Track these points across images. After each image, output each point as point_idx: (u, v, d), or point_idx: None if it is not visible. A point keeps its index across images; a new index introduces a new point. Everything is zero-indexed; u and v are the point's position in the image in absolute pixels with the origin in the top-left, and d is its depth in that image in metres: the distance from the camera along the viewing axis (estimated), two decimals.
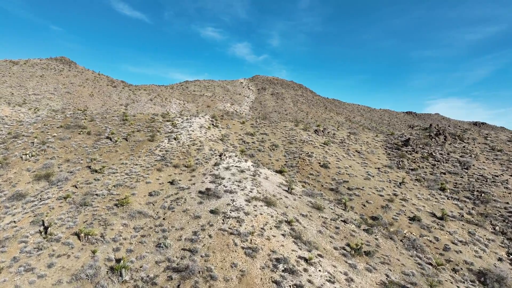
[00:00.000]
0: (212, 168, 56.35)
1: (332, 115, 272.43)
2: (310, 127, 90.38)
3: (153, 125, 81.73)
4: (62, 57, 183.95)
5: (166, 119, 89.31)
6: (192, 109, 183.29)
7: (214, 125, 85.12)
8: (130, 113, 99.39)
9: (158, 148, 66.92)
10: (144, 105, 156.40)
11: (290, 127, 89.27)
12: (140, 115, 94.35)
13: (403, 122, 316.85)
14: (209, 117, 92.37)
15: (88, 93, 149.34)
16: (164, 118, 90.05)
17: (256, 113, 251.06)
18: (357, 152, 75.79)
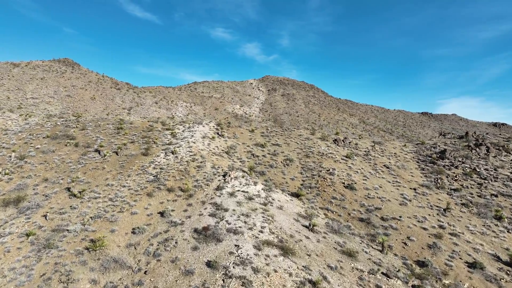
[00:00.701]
0: (213, 193, 45.11)
1: (345, 117, 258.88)
2: (328, 135, 78.49)
3: (150, 135, 70.98)
4: (66, 59, 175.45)
5: (166, 127, 78.55)
6: (199, 112, 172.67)
7: (220, 134, 73.91)
8: (128, 120, 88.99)
9: (152, 165, 56.03)
10: (148, 108, 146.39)
11: (306, 136, 77.55)
12: (138, 121, 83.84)
13: (418, 123, 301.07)
14: (214, 124, 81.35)
15: (90, 96, 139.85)
16: (164, 126, 79.31)
17: (267, 115, 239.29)
18: (385, 168, 63.68)
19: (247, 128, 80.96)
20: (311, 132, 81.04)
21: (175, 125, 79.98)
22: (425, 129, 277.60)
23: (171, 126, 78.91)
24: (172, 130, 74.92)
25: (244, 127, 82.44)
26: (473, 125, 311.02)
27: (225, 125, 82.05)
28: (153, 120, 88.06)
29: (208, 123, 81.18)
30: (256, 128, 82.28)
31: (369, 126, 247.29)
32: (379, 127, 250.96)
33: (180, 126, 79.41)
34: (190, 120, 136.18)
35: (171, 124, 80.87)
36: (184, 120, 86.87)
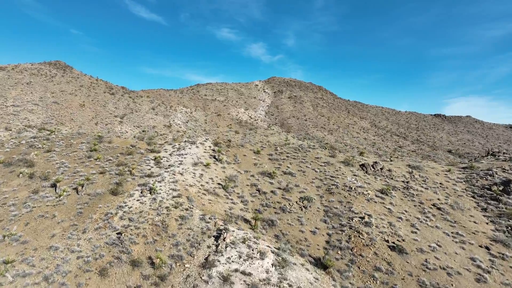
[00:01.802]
0: (198, 275, 28.60)
1: (356, 120, 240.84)
2: (353, 159, 61.30)
3: (128, 161, 54.61)
4: (57, 61, 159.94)
5: (152, 147, 62.11)
6: (200, 118, 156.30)
7: (217, 158, 57.31)
8: (107, 137, 72.84)
9: (121, 212, 39.68)
10: (144, 115, 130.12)
11: (325, 159, 60.58)
12: (118, 139, 67.43)
13: (431, 126, 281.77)
14: (211, 143, 64.77)
15: (79, 102, 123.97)
16: (149, 146, 62.88)
17: (273, 119, 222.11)
18: (436, 209, 46.70)
19: (251, 148, 64.11)
20: (330, 153, 63.93)
21: (163, 145, 63.54)
22: (439, 132, 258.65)
23: (157, 147, 62.42)
24: (157, 153, 58.46)
25: (248, 147, 65.62)
26: (489, 127, 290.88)
27: (224, 144, 65.31)
28: (139, 136, 71.86)
29: (203, 142, 64.63)
30: (263, 147, 65.38)
31: (381, 130, 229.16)
32: (391, 131, 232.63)
33: (169, 146, 62.87)
34: (189, 127, 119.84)
35: (157, 144, 64.36)
36: (175, 138, 70.37)
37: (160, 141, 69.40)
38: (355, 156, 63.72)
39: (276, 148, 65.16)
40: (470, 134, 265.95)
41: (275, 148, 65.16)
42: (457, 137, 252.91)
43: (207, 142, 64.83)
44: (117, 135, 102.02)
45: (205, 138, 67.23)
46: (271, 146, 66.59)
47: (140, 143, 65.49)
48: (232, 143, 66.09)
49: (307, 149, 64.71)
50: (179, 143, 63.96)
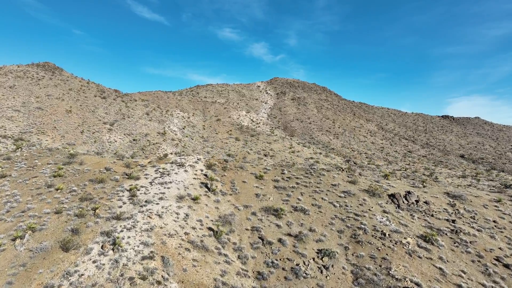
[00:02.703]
0: None
1: (362, 123, 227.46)
2: (380, 187, 48.37)
3: (95, 193, 42.17)
4: (46, 63, 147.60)
5: (131, 170, 49.62)
6: (198, 123, 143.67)
7: (209, 187, 44.78)
8: (79, 159, 60.52)
9: (66, 283, 27.46)
10: (136, 121, 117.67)
11: (344, 187, 47.90)
12: (91, 159, 54.88)
13: (440, 128, 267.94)
14: (204, 165, 52.20)
15: (66, 108, 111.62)
16: (127, 169, 50.40)
17: (276, 122, 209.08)
18: (502, 266, 34.16)
19: (252, 171, 51.42)
20: (349, 178, 51.13)
21: (145, 168, 50.91)
22: (447, 135, 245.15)
23: (136, 170, 49.81)
24: (135, 180, 45.95)
25: (249, 168, 52.88)
26: (499, 129, 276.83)
27: (219, 166, 52.69)
28: (120, 154, 59.48)
29: (194, 164, 52.03)
30: (267, 171, 52.65)
31: (388, 133, 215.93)
32: (399, 134, 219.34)
33: (152, 169, 50.24)
34: (185, 134, 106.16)
35: (138, 167, 51.74)
36: (162, 157, 57.77)
37: (143, 160, 56.87)
38: (380, 180, 50.95)
39: (283, 170, 52.40)
40: (480, 136, 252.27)
41: (281, 171, 52.39)
42: (467, 139, 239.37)
43: (198, 163, 52.23)
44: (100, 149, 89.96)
45: (197, 158, 54.53)
46: (277, 168, 53.79)
47: (118, 164, 53.00)
48: (230, 164, 53.40)
49: (321, 172, 51.94)
50: (165, 165, 51.37)
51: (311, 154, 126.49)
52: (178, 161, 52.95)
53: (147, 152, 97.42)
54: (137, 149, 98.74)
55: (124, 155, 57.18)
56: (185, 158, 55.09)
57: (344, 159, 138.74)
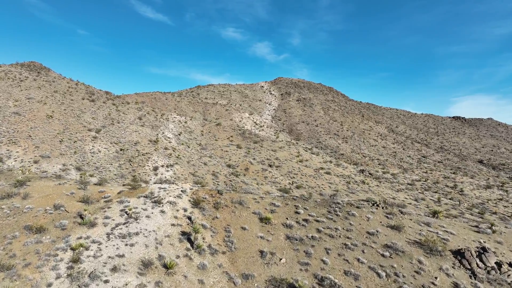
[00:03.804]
0: None
1: (371, 125, 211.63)
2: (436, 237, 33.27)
3: (20, 256, 27.75)
4: (32, 62, 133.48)
5: (86, 210, 35.18)
6: (195, 129, 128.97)
7: (193, 242, 30.18)
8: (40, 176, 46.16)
9: None
10: (126, 127, 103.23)
11: (385, 236, 33.13)
12: (41, 190, 40.33)
13: (451, 130, 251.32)
14: (189, 201, 37.28)
15: (47, 113, 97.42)
16: (84, 207, 35.90)
17: (280, 125, 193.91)
18: None
19: (255, 210, 36.67)
20: (388, 217, 36.24)
21: (108, 206, 36.32)
22: (460, 137, 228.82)
23: (95, 210, 35.20)
24: (89, 227, 31.45)
25: (251, 205, 38.08)
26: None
27: (210, 201, 37.89)
28: (82, 180, 44.97)
29: (176, 198, 37.42)
30: (275, 207, 37.74)
31: (400, 136, 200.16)
32: (411, 137, 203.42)
33: (117, 208, 35.61)
34: (181, 142, 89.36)
35: (99, 203, 37.16)
36: (138, 183, 43.01)
37: (111, 190, 42.26)
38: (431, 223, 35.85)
39: (297, 208, 37.55)
40: (494, 138, 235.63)
41: (295, 208, 37.52)
42: (481, 142, 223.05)
43: (182, 198, 37.55)
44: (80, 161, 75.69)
45: (181, 190, 39.72)
46: (288, 204, 38.87)
47: (76, 197, 38.49)
48: (225, 198, 38.63)
49: (349, 211, 37.07)
50: (136, 201, 36.71)
51: (320, 163, 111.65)
52: (156, 193, 38.24)
53: (135, 165, 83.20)
54: (123, 161, 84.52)
55: (86, 182, 42.49)
56: (166, 187, 40.34)
57: (356, 167, 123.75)
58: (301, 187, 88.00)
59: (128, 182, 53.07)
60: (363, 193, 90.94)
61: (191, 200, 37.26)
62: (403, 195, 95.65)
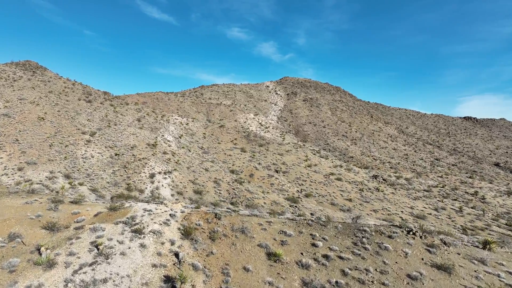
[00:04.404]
0: None
1: (381, 126, 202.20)
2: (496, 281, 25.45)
3: None
4: (27, 61, 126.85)
5: (54, 234, 27.63)
6: (198, 131, 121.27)
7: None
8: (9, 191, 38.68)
9: None
10: (124, 130, 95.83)
11: (431, 284, 25.10)
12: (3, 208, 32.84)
13: (463, 131, 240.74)
14: (178, 229, 29.14)
15: (39, 114, 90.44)
16: (50, 232, 28.36)
17: (286, 126, 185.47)
18: None
19: (261, 242, 28.69)
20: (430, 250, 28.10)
21: (76, 236, 28.67)
22: (472, 138, 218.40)
23: (60, 241, 27.51)
24: (45, 269, 23.80)
25: (256, 234, 30.10)
26: None
27: (205, 230, 29.98)
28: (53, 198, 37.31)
29: (162, 227, 29.54)
30: (286, 237, 29.74)
31: (410, 137, 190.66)
32: (422, 138, 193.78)
33: (88, 239, 27.93)
34: (181, 145, 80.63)
35: (67, 231, 29.47)
36: (119, 204, 35.04)
37: (88, 211, 34.62)
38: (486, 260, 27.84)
39: (313, 237, 29.48)
40: (507, 139, 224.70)
41: (311, 238, 29.47)
42: (494, 143, 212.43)
43: (170, 225, 29.70)
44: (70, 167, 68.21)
45: (169, 214, 31.91)
46: (303, 232, 30.80)
47: (41, 222, 30.90)
48: (223, 223, 30.70)
49: (379, 242, 28.98)
50: (113, 229, 29.00)
51: (330, 168, 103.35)
52: (138, 218, 30.43)
53: (130, 171, 75.76)
54: (118, 167, 77.11)
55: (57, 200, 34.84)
56: (153, 210, 32.52)
57: (368, 172, 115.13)
58: (311, 196, 79.95)
59: (109, 205, 45.65)
60: (378, 202, 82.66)
61: (182, 228, 29.37)
62: (421, 203, 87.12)
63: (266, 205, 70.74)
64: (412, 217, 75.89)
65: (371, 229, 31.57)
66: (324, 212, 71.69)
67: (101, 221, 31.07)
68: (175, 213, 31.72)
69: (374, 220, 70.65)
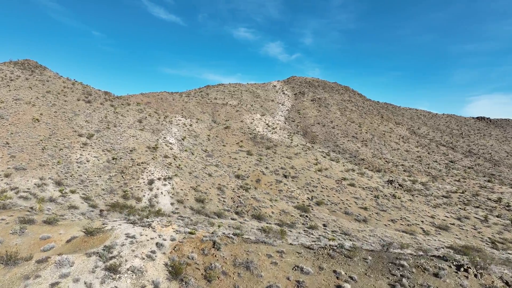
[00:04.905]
0: None
1: (392, 127, 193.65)
2: None
3: None
4: (26, 60, 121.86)
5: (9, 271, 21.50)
6: (202, 132, 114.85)
7: None
8: None
9: None
10: (123, 132, 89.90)
11: None
12: None
13: (476, 132, 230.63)
14: (165, 264, 22.90)
15: (35, 115, 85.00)
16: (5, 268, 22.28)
17: (294, 126, 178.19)
18: None
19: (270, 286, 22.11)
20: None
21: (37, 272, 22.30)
22: (486, 139, 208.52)
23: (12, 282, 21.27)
24: None
25: (265, 272, 23.46)
26: None
27: (201, 265, 23.39)
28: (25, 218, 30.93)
29: (146, 259, 23.09)
30: (302, 275, 23.08)
31: (423, 138, 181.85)
32: (435, 139, 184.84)
33: (51, 276, 21.57)
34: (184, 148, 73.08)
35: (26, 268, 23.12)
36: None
37: (61, 233, 28.27)
38: None
39: (338, 278, 22.74)
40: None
41: (335, 278, 22.71)
42: (509, 144, 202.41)
43: (154, 260, 23.00)
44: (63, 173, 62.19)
45: (155, 244, 25.41)
46: (323, 267, 24.04)
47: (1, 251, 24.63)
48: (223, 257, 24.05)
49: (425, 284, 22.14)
50: (84, 263, 22.62)
51: (342, 172, 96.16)
52: (116, 249, 23.98)
53: (128, 177, 69.67)
54: (115, 172, 71.15)
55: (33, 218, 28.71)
56: (136, 236, 26.02)
57: (382, 176, 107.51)
58: (322, 203, 73.01)
59: (87, 227, 39.45)
60: (396, 210, 75.31)
61: (169, 264, 22.75)
62: (442, 212, 79.53)
63: (274, 215, 64.05)
64: (434, 227, 68.54)
65: (410, 264, 24.60)
66: (338, 223, 64.76)
67: (72, 250, 24.69)
68: (164, 241, 25.17)
69: (393, 232, 63.51)
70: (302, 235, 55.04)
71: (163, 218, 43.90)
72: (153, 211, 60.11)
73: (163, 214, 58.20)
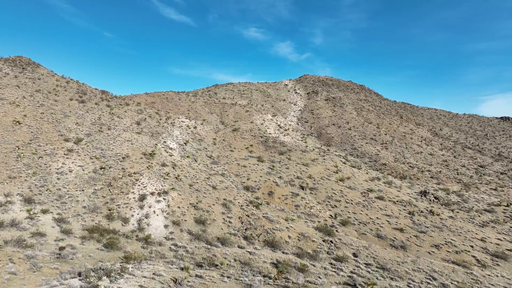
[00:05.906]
0: None
1: (412, 128, 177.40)
2: None
3: None
4: (18, 57, 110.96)
5: None
6: (207, 136, 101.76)
7: None
8: None
9: None
10: (118, 136, 77.38)
11: None
12: None
13: (501, 133, 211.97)
14: None
15: (17, 117, 73.30)
16: None
17: (307, 128, 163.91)
18: None
19: None
20: None
21: None
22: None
23: None
24: None
25: None
26: None
27: None
28: None
29: None
30: None
31: (446, 140, 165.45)
32: (460, 141, 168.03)
33: None
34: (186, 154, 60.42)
35: None
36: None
37: None
38: None
39: None
40: None
41: None
42: None
43: None
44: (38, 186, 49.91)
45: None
46: None
47: None
48: None
49: None
50: None
51: (366, 181, 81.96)
52: None
53: (116, 190, 57.13)
54: (101, 185, 58.71)
55: None
56: None
57: (412, 185, 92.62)
58: (349, 223, 59.19)
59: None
60: (437, 231, 60.76)
61: None
62: (492, 232, 64.49)
63: (292, 241, 50.59)
64: (489, 256, 53.83)
65: None
66: (372, 251, 50.80)
67: None
68: None
69: (441, 264, 49.33)
70: (329, 272, 41.48)
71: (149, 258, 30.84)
72: (141, 237, 47.41)
73: (153, 242, 45.45)
